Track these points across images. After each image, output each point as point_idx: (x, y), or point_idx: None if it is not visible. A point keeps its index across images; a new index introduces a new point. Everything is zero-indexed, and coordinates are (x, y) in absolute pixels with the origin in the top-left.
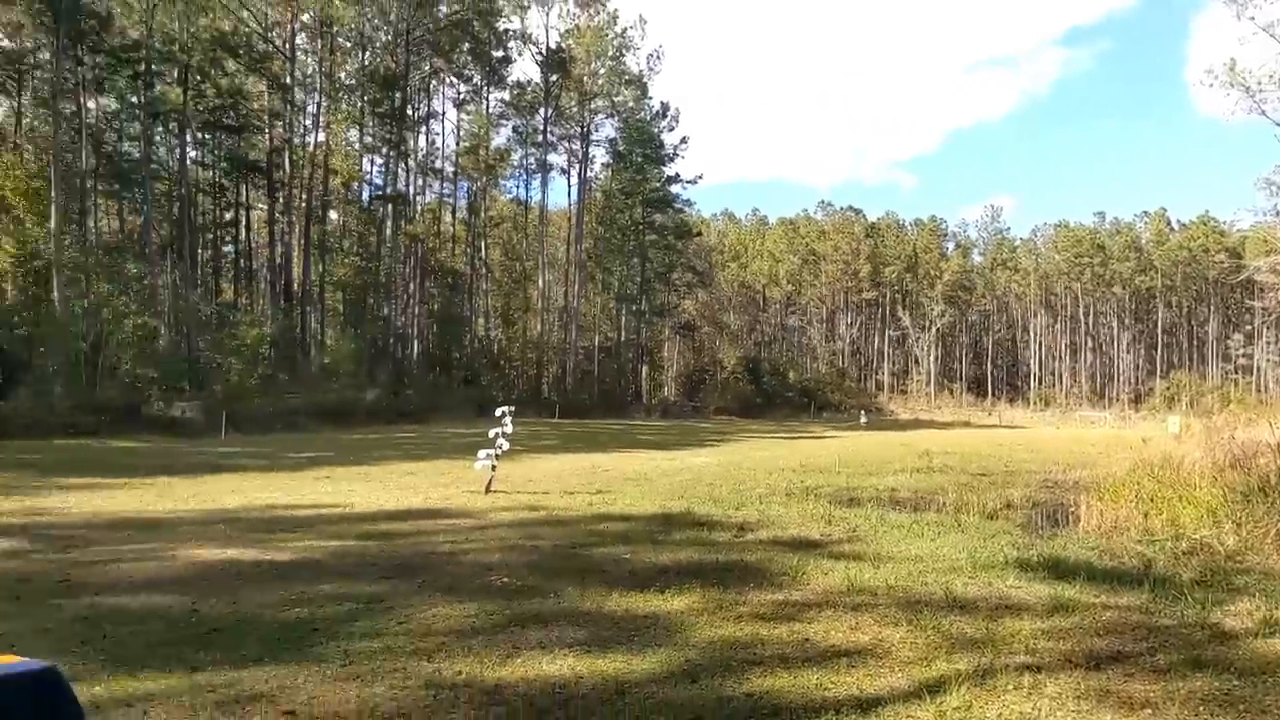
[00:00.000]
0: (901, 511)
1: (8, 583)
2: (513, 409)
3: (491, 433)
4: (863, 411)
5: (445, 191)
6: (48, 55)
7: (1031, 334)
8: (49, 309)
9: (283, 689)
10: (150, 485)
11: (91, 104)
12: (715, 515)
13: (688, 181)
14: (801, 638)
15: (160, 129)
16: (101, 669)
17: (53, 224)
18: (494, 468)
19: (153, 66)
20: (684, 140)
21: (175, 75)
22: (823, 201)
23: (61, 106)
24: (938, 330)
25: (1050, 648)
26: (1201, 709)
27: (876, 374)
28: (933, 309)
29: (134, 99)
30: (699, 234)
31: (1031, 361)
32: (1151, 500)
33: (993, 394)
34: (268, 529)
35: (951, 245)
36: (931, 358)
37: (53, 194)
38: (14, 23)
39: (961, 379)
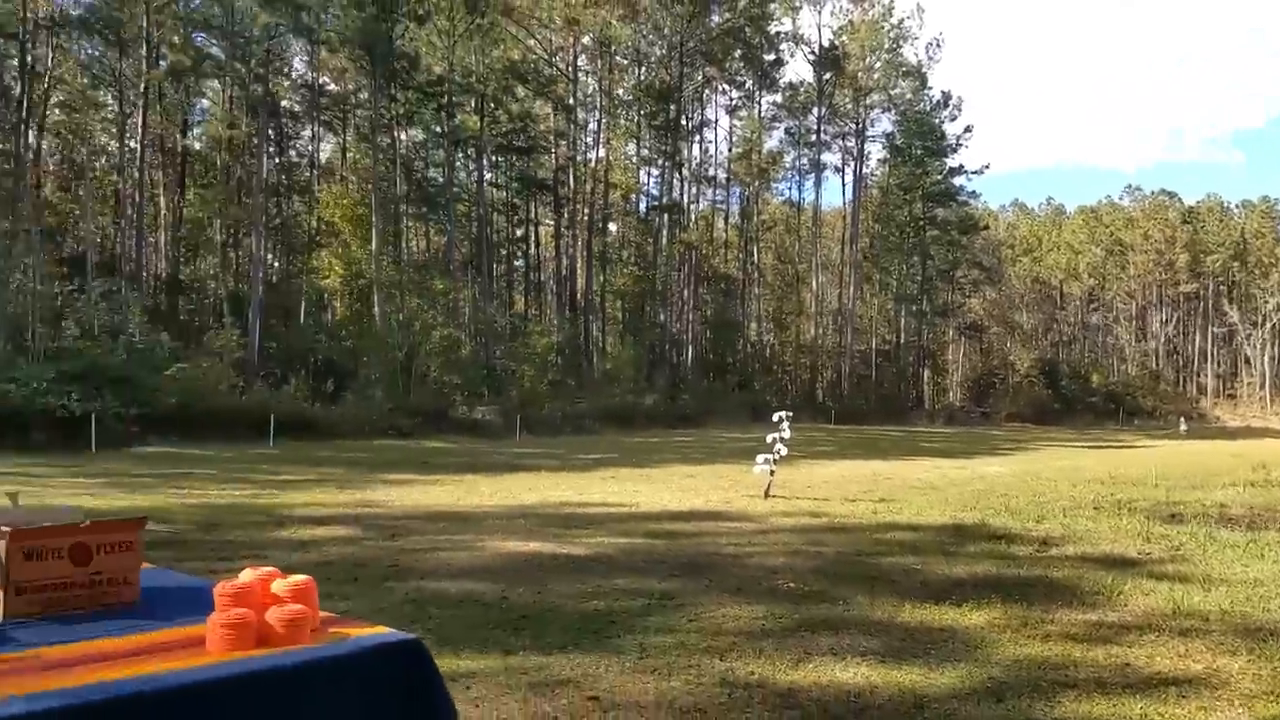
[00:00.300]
0: (1235, 530)
1: (347, 566)
2: (790, 414)
3: (769, 437)
4: (1182, 418)
5: (718, 198)
6: (365, 95)
7: None
8: (370, 323)
9: (586, 676)
10: (459, 482)
11: (402, 136)
12: (1013, 528)
13: (972, 172)
14: (1120, 662)
15: (460, 155)
16: (431, 647)
17: (373, 246)
18: (772, 472)
19: (453, 98)
20: (967, 129)
21: (473, 105)
22: (1130, 186)
23: (378, 140)
24: (1273, 326)
25: None
26: None
27: (1197, 376)
28: (1266, 302)
29: (438, 129)
30: (986, 227)
31: None
32: None
33: None
34: (563, 524)
35: None
36: (1266, 357)
37: (373, 219)
38: (339, 68)
39: None
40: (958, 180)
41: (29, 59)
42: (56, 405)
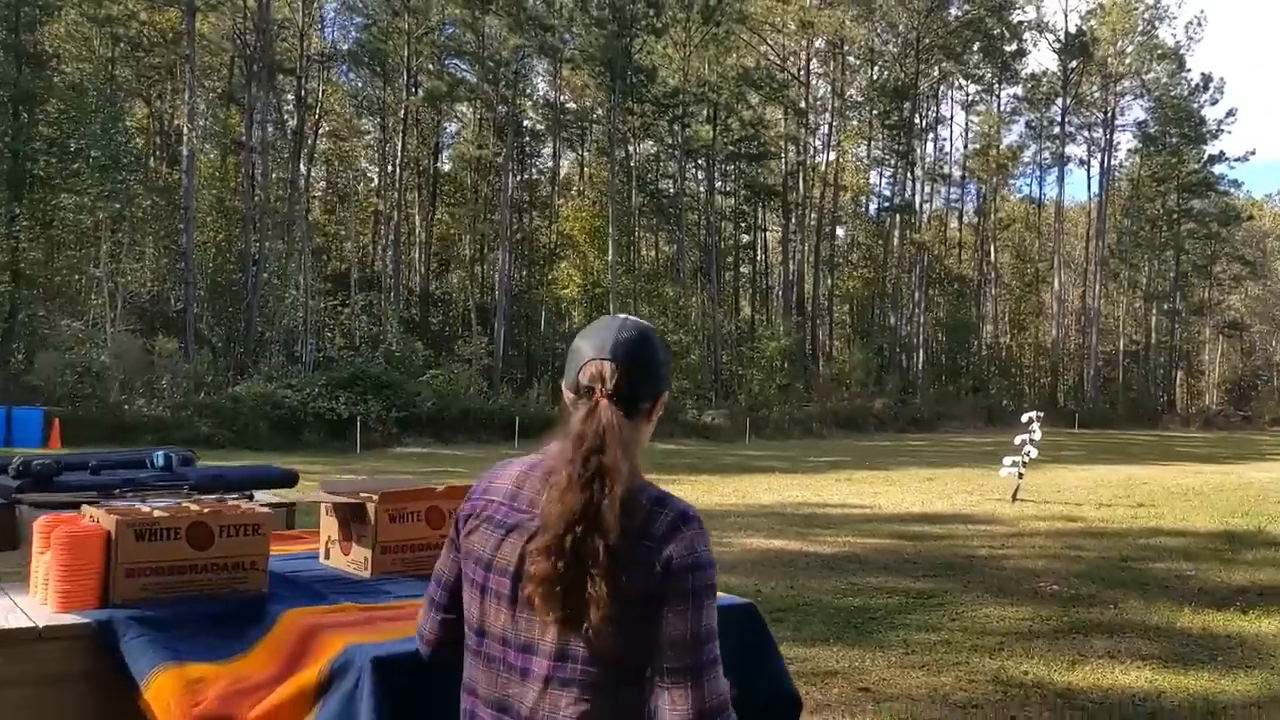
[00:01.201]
0: None
1: None
2: (1041, 414)
3: (1018, 439)
4: None
5: (952, 196)
6: (604, 110)
7: None
8: None
9: (854, 669)
10: (695, 482)
11: (637, 149)
12: None
13: (1235, 159)
14: None
15: (691, 165)
16: None
17: (609, 256)
18: (1021, 475)
19: (687, 109)
20: (1230, 114)
21: (705, 114)
22: None
23: (614, 153)
24: None
25: None
26: None
27: None
28: None
29: (670, 140)
30: (1250, 218)
31: None
32: None
33: None
34: (805, 524)
35: None
36: None
37: (609, 230)
38: (580, 85)
39: None
40: (1217, 169)
41: (303, 92)
42: (326, 409)
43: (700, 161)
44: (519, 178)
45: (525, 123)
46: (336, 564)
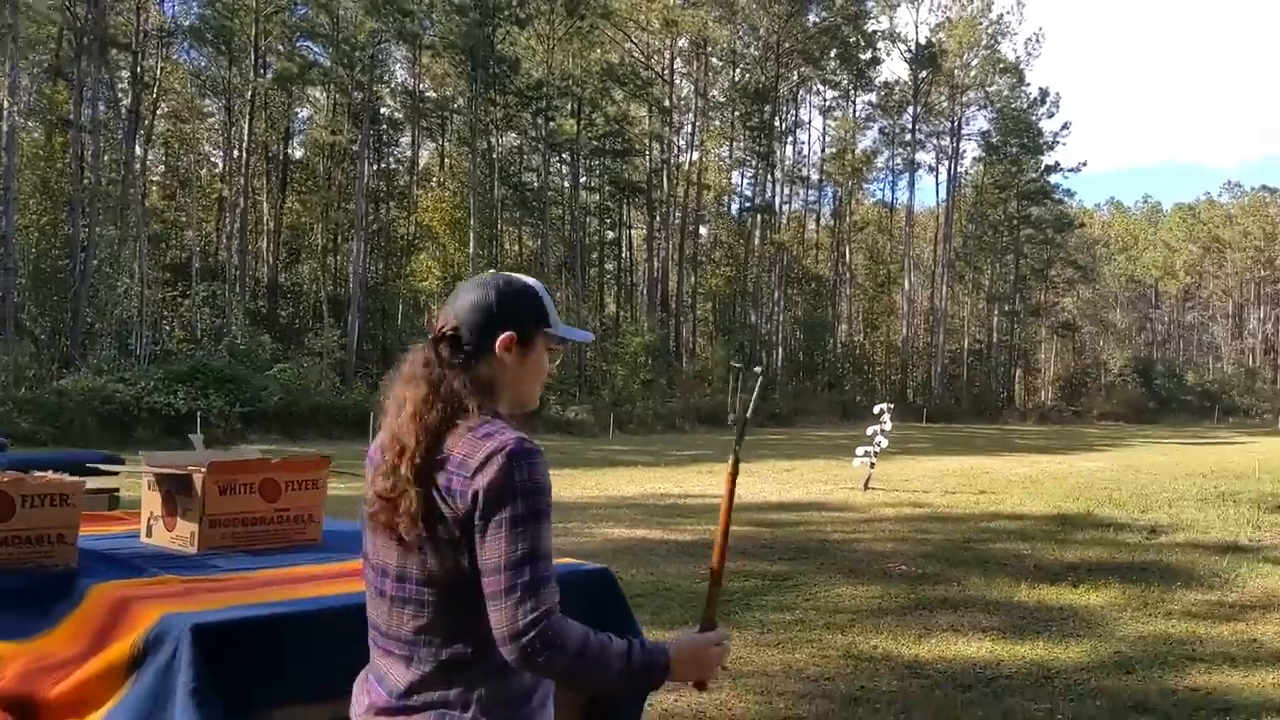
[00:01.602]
0: None
1: None
2: (892, 405)
3: (870, 430)
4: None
5: (810, 199)
6: (465, 100)
7: None
8: None
9: None
10: (558, 476)
11: (500, 141)
12: (1119, 517)
13: (1069, 170)
14: (1248, 638)
15: (556, 159)
16: None
17: (470, 249)
18: (872, 465)
19: (551, 102)
20: (1065, 127)
21: (570, 108)
22: (1229, 183)
23: (476, 144)
24: None
25: None
26: None
27: None
28: None
29: (533, 133)
30: (1081, 225)
31: None
32: None
33: None
34: (666, 514)
35: None
36: None
37: (470, 223)
38: (441, 74)
39: None
40: (1053, 178)
41: (139, 69)
42: (163, 404)
43: (564, 156)
44: (375, 166)
45: (383, 110)
46: (159, 541)
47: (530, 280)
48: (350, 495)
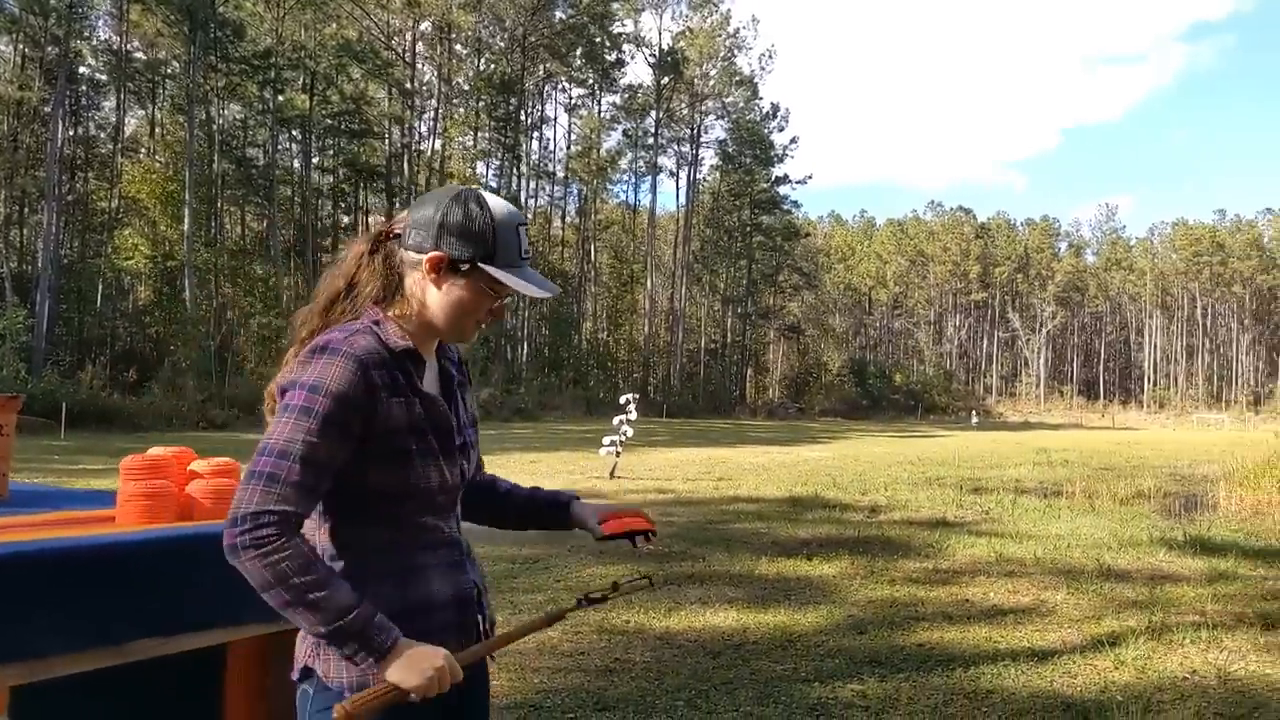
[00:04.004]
0: (1031, 498)
1: None
2: (636, 396)
3: (616, 420)
4: (973, 413)
5: (556, 195)
6: (178, 66)
7: (1146, 335)
8: (179, 309)
9: None
10: None
11: (222, 111)
12: (844, 499)
13: (797, 182)
14: (961, 598)
15: (285, 135)
16: None
17: (186, 227)
18: (618, 454)
19: (281, 74)
20: (793, 141)
21: (302, 82)
22: (932, 202)
23: (194, 113)
24: (1048, 332)
25: (1219, 609)
26: None
27: (985, 377)
28: (1043, 310)
29: (260, 106)
30: (807, 235)
31: (1145, 364)
32: None
33: (1105, 397)
34: None
35: (1064, 245)
36: (1042, 360)
37: (185, 198)
38: (153, 32)
39: (1072, 381)
40: (783, 189)
41: None
42: None
43: (295, 133)
44: (72, 131)
45: (82, 69)
46: None
47: (504, 210)
48: None
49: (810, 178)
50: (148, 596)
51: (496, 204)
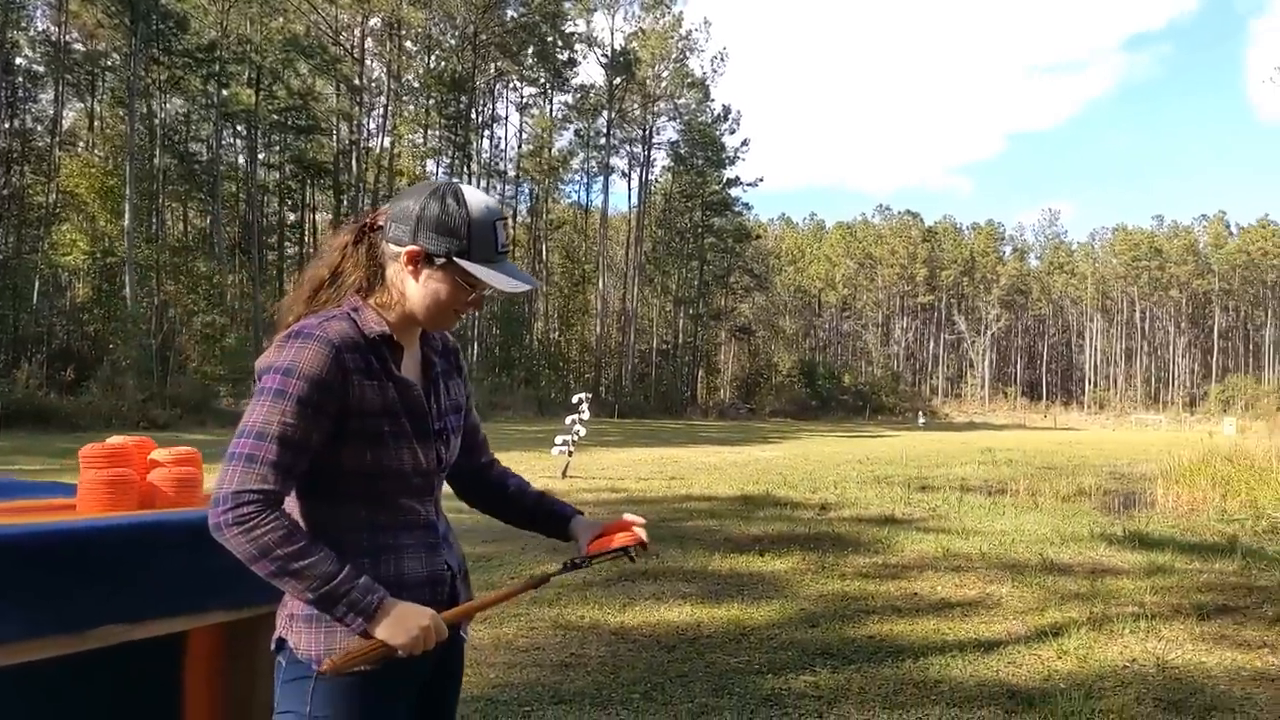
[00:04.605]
0: (976, 495)
1: None
2: (589, 395)
3: (569, 419)
4: (919, 413)
5: (507, 194)
6: (117, 59)
7: (1087, 338)
8: (120, 306)
9: None
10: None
11: (165, 105)
12: (794, 497)
13: (748, 184)
14: (909, 592)
15: (230, 130)
16: None
17: (126, 222)
18: (570, 454)
19: (226, 68)
20: (745, 143)
21: (247, 77)
22: (880, 206)
23: (135, 106)
24: (993, 334)
25: (1157, 601)
26: None
27: (931, 378)
28: (988, 313)
29: (204, 100)
30: (758, 237)
31: (1086, 366)
32: (1227, 483)
33: (1047, 398)
34: None
35: (1008, 249)
36: (986, 361)
37: (126, 192)
38: (92, 23)
39: (1016, 383)
40: (734, 191)
41: None
42: None
43: (240, 128)
44: (8, 124)
45: (19, 60)
46: None
47: (481, 205)
48: None
49: (761, 180)
50: (113, 583)
51: (474, 199)
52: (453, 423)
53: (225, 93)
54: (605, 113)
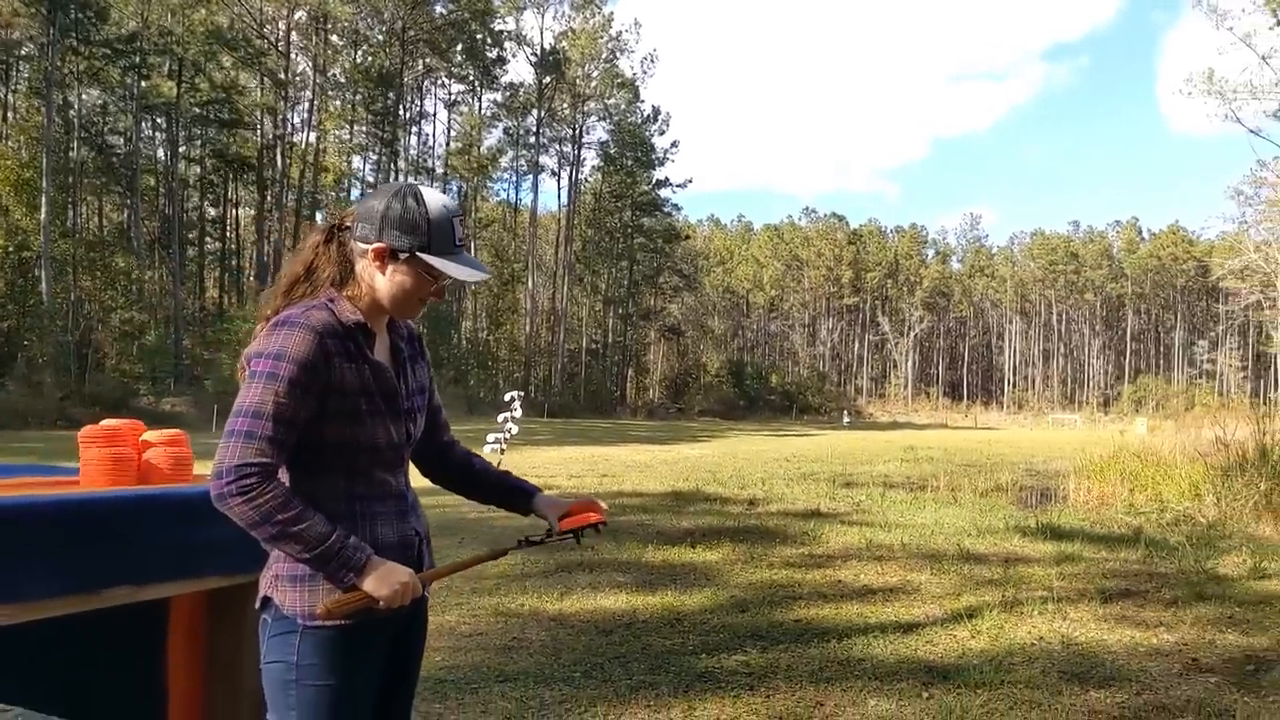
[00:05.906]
0: (899, 491)
1: None
2: (522, 394)
3: (500, 417)
4: (844, 413)
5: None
6: (34, 48)
7: (1006, 340)
8: (35, 301)
9: None
10: None
11: (83, 96)
12: (723, 492)
13: (677, 185)
14: (834, 580)
15: (150, 122)
16: None
17: (43, 215)
18: (503, 451)
19: (146, 59)
20: (674, 144)
21: (168, 69)
22: (807, 208)
23: (52, 96)
24: (916, 336)
25: (1065, 586)
26: (1209, 628)
27: (856, 378)
28: (912, 315)
29: (123, 91)
30: (688, 237)
31: (1006, 366)
32: (1135, 478)
33: (968, 398)
34: None
35: (931, 253)
36: (910, 362)
37: (43, 185)
38: (8, 11)
39: (938, 383)
40: (664, 192)
41: None
42: None
43: (160, 120)
44: None
45: None
46: None
47: (439, 204)
48: None
49: (690, 181)
50: (123, 547)
51: (432, 199)
52: (419, 402)
53: (145, 84)
54: (535, 111)
